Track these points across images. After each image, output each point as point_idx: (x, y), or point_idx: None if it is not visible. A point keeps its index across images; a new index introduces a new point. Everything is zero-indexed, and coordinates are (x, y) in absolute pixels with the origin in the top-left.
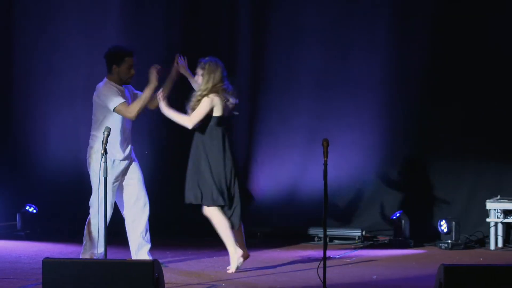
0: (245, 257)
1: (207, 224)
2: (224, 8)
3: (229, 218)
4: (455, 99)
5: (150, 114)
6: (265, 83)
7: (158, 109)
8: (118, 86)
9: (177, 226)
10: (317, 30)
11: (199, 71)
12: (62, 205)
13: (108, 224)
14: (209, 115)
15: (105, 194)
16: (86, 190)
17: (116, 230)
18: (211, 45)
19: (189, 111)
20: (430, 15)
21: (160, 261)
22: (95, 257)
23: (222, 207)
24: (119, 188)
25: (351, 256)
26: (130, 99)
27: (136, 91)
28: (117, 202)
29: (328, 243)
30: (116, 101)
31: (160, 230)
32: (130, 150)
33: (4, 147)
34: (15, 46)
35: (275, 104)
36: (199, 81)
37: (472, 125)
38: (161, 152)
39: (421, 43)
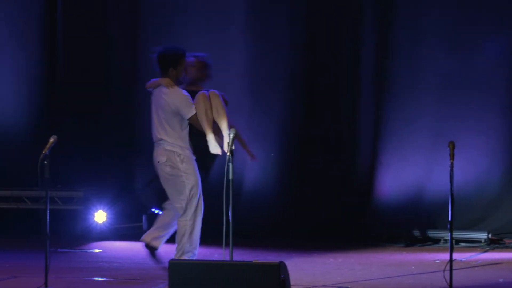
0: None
1: (332, 225)
2: (349, 10)
3: None
4: None
5: (274, 119)
6: (390, 85)
7: None
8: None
9: (303, 227)
10: (440, 32)
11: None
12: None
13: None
14: None
15: (231, 195)
16: (212, 192)
17: (240, 231)
18: (336, 46)
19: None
20: None
21: (286, 262)
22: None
23: None
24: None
25: (477, 259)
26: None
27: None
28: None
29: (454, 245)
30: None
31: (286, 231)
32: None
33: (131, 151)
34: (140, 47)
35: (399, 106)
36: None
37: None
38: (285, 154)
39: None
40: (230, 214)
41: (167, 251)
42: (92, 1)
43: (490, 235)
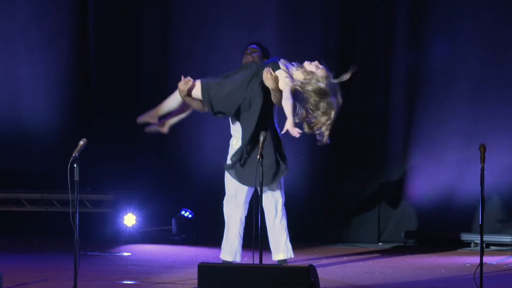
0: None
1: (362, 228)
2: (382, 12)
3: None
4: None
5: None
6: (421, 87)
7: None
8: None
9: (333, 230)
10: (474, 33)
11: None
12: (218, 210)
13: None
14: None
15: (261, 199)
16: None
17: None
18: (367, 48)
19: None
20: None
21: (316, 265)
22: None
23: None
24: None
25: (508, 263)
26: None
27: None
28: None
29: (485, 249)
30: None
31: (315, 234)
32: None
33: (160, 153)
34: (171, 49)
35: (431, 108)
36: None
37: None
38: (316, 157)
39: None
40: (259, 217)
41: (197, 254)
42: (123, 1)
43: None
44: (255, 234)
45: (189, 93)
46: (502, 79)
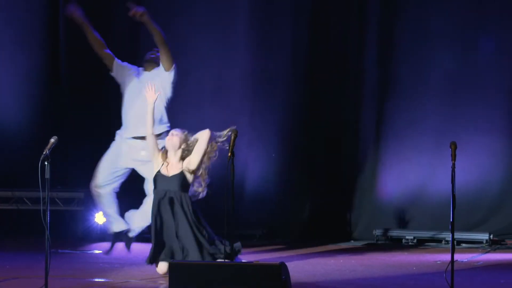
0: None
1: (334, 226)
2: (353, 10)
3: None
4: None
5: (276, 120)
6: (393, 86)
7: None
8: None
9: (304, 228)
10: (446, 33)
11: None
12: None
13: None
14: None
15: (233, 196)
16: (214, 193)
17: (241, 232)
18: (339, 47)
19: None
20: None
21: (287, 263)
22: None
23: None
24: None
25: (479, 260)
26: None
27: None
28: None
29: (456, 246)
30: None
31: (287, 232)
32: None
33: None
34: (142, 49)
35: (402, 108)
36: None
37: None
38: (287, 155)
39: None
40: (231, 215)
41: None
42: (94, 2)
43: (491, 236)
44: (227, 232)
45: None
46: (473, 80)
